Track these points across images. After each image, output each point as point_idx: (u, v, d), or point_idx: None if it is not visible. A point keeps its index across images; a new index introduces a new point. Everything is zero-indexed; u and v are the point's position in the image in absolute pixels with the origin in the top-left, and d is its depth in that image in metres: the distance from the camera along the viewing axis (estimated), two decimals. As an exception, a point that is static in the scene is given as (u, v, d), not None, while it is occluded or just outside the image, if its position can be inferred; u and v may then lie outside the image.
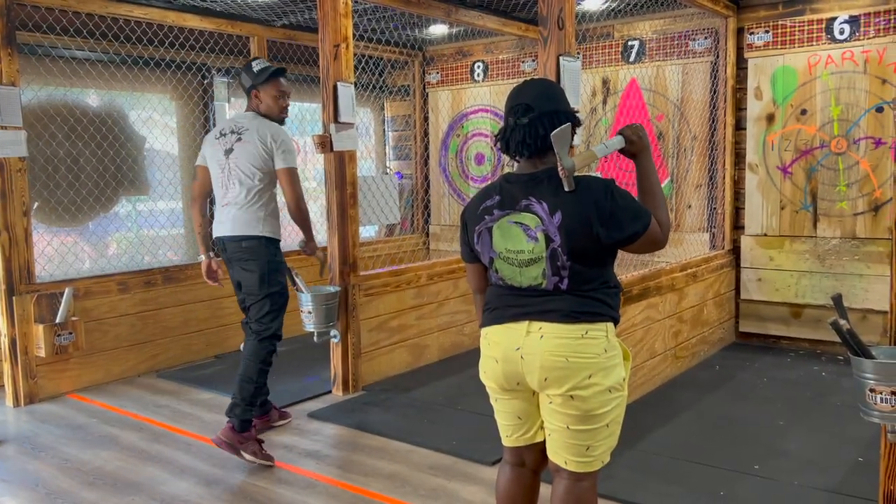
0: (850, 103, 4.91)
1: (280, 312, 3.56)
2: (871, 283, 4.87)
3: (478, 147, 6.77)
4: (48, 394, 4.40)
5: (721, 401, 4.14)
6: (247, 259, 3.50)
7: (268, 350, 3.52)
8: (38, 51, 4.74)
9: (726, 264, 5.31)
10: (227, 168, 3.55)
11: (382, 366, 4.66)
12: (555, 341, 1.98)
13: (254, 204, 3.52)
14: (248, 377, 3.47)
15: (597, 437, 2.04)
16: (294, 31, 5.84)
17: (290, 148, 3.55)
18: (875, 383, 2.41)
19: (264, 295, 3.50)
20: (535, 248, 2.00)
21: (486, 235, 2.08)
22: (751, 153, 5.30)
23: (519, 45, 6.40)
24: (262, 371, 3.51)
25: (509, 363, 2.05)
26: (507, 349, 2.04)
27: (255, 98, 3.60)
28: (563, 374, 1.97)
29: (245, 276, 3.53)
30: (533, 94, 2.07)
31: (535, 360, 1.99)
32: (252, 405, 3.45)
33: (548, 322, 2.00)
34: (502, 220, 2.05)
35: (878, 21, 4.76)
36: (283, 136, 3.55)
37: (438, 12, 5.00)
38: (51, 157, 4.88)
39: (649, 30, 5.65)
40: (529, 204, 2.02)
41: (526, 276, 2.03)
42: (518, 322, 2.04)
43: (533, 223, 2.00)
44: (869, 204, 4.90)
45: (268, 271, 3.50)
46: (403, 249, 6.62)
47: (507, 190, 2.07)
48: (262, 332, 3.52)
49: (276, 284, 3.53)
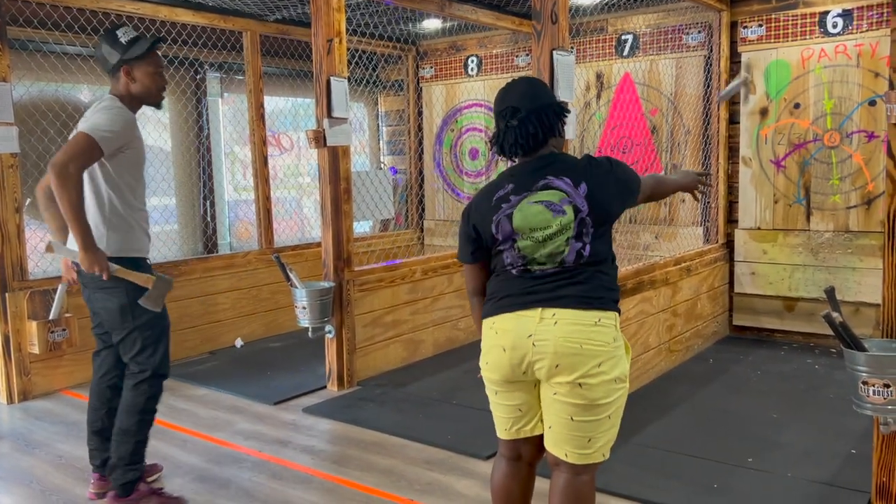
0: (843, 97, 4.92)
1: (159, 344, 2.86)
2: (863, 277, 4.89)
3: (472, 142, 6.77)
4: (42, 390, 4.39)
5: (715, 394, 4.15)
6: (103, 286, 2.75)
7: (147, 396, 2.86)
8: (29, 46, 4.71)
9: (720, 258, 5.32)
10: None
11: (377, 361, 4.66)
12: (570, 327, 2.00)
13: (92, 219, 2.73)
14: (126, 431, 2.84)
15: (599, 429, 2.04)
16: (287, 25, 5.82)
17: (104, 121, 2.67)
18: (868, 376, 2.43)
19: (130, 330, 2.80)
20: (562, 221, 2.04)
21: (506, 222, 2.09)
22: (744, 147, 5.31)
23: (513, 40, 6.39)
24: (142, 423, 2.86)
25: (519, 350, 2.04)
26: (518, 337, 2.04)
27: (125, 76, 2.80)
28: (575, 360, 1.99)
29: (103, 305, 2.81)
30: (517, 95, 2.15)
31: (548, 347, 2.00)
32: (135, 463, 2.87)
33: (562, 308, 2.02)
34: (522, 202, 2.08)
35: (870, 15, 4.77)
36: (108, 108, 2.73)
37: (432, 6, 4.99)
38: (43, 153, 4.85)
39: (643, 24, 5.64)
40: (548, 182, 2.07)
41: (548, 247, 2.05)
42: (530, 309, 2.04)
43: (557, 198, 2.05)
44: (862, 197, 4.92)
45: (129, 301, 2.77)
46: (398, 244, 6.61)
47: (519, 177, 2.12)
48: (137, 375, 2.84)
49: (141, 314, 2.80)
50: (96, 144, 2.63)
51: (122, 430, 2.85)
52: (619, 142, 5.80)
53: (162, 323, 2.89)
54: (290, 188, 6.73)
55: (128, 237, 2.81)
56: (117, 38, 2.80)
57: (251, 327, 5.60)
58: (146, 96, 2.87)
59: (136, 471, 2.88)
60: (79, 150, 2.60)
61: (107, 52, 2.80)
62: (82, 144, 2.61)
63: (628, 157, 5.75)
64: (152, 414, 2.90)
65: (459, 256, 2.26)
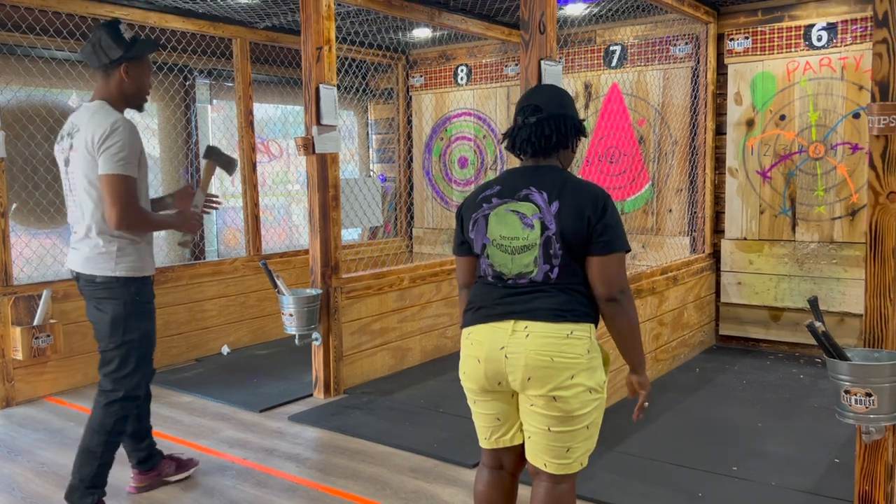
0: (827, 109, 4.98)
1: (139, 366, 2.82)
2: (848, 287, 4.93)
3: (461, 150, 6.79)
4: (25, 397, 4.35)
5: (701, 403, 4.17)
6: (101, 297, 2.75)
7: (117, 417, 2.79)
8: (16, 51, 4.69)
9: (707, 268, 5.36)
10: (67, 184, 2.82)
11: (364, 369, 4.65)
12: (541, 340, 2.00)
13: (101, 233, 2.73)
14: (92, 452, 2.76)
15: (576, 439, 2.05)
16: (277, 33, 5.83)
17: (117, 147, 2.65)
18: (850, 385, 2.45)
19: (117, 344, 2.76)
20: (529, 236, 2.04)
21: (482, 223, 2.11)
22: (731, 158, 5.35)
23: (502, 49, 6.42)
24: (108, 445, 2.78)
25: (492, 363, 2.05)
26: (491, 349, 2.05)
27: (121, 75, 2.75)
28: (547, 373, 1.99)
29: (96, 316, 2.79)
30: (543, 97, 2.17)
31: (519, 359, 2.00)
32: (96, 487, 2.78)
33: (534, 321, 2.02)
34: (499, 207, 2.09)
35: (854, 28, 4.83)
36: (118, 129, 2.67)
37: (422, 16, 5.01)
38: (29, 158, 4.83)
39: (631, 35, 5.69)
40: (529, 193, 2.07)
41: (517, 263, 2.06)
42: (503, 321, 2.05)
43: (530, 211, 2.05)
44: (846, 209, 4.97)
45: (124, 314, 2.75)
46: (386, 252, 6.61)
47: (509, 180, 2.13)
48: (110, 394, 2.78)
49: (133, 330, 2.77)
50: (128, 177, 2.67)
51: (87, 449, 2.77)
52: (607, 152, 5.84)
53: (149, 346, 2.87)
54: (279, 195, 6.72)
55: (138, 256, 2.81)
56: (120, 33, 2.75)
57: (238, 334, 5.58)
58: (136, 97, 2.83)
59: (96, 494, 2.80)
60: (122, 194, 2.65)
61: (107, 45, 2.72)
62: (119, 188, 2.65)
63: (616, 167, 5.79)
64: (119, 436, 2.84)
65: (453, 248, 2.29)
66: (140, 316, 2.81)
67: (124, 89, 2.78)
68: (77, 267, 2.79)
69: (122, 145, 2.65)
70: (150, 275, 2.86)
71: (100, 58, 2.74)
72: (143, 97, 2.87)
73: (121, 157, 2.65)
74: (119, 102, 2.80)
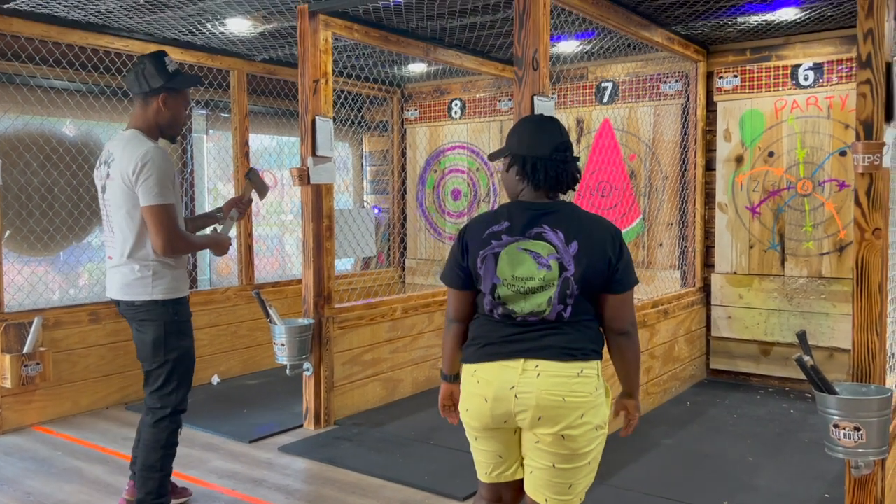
0: (815, 147, 5.07)
1: (182, 382, 2.97)
2: (837, 322, 4.97)
3: (455, 182, 6.85)
4: (12, 426, 4.31)
5: (692, 436, 4.17)
6: (141, 319, 2.90)
7: (169, 431, 2.95)
8: (15, 79, 4.74)
9: (697, 301, 5.39)
10: (105, 213, 2.94)
11: (355, 399, 4.64)
12: (552, 380, 1.98)
13: (138, 260, 2.85)
14: (152, 467, 2.92)
15: (579, 475, 2.05)
16: (274, 65, 5.91)
17: (153, 178, 2.76)
18: (839, 419, 2.47)
19: (160, 363, 2.91)
20: (546, 276, 1.99)
21: (492, 261, 2.04)
22: (720, 193, 5.43)
23: (496, 85, 6.52)
24: (165, 458, 2.95)
25: (501, 402, 2.01)
26: (501, 388, 2.01)
27: (158, 104, 2.87)
28: (558, 412, 1.97)
29: (138, 338, 2.94)
30: (567, 135, 2.14)
31: (530, 399, 1.98)
32: (162, 496, 2.95)
33: (545, 360, 2.00)
34: (511, 246, 2.03)
35: (840, 69, 4.94)
36: (149, 160, 2.77)
37: (417, 51, 5.09)
38: (25, 185, 4.85)
39: (622, 72, 5.80)
40: (542, 232, 2.02)
41: (531, 303, 2.01)
42: (513, 360, 2.01)
43: (545, 251, 2.00)
44: (834, 244, 5.03)
45: (164, 334, 2.89)
46: (379, 283, 6.62)
47: (517, 216, 2.06)
48: (158, 412, 2.93)
49: (174, 349, 2.92)
50: (168, 205, 2.80)
51: (147, 466, 2.92)
52: (599, 186, 5.90)
53: (190, 362, 3.00)
54: (273, 225, 6.75)
55: (172, 278, 2.92)
56: (165, 64, 2.88)
57: (229, 364, 5.56)
58: (171, 127, 2.95)
59: (165, 501, 2.96)
60: (164, 223, 2.79)
61: (150, 74, 2.84)
62: (162, 217, 2.79)
63: (607, 201, 5.85)
64: (174, 447, 2.99)
65: (445, 278, 2.17)
66: (179, 335, 2.93)
67: (160, 119, 2.89)
68: (115, 294, 2.93)
69: (158, 175, 2.77)
70: (185, 295, 2.99)
71: (141, 85, 2.86)
72: (178, 129, 2.99)
73: (158, 187, 2.77)
74: (153, 131, 2.91)
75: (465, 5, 4.30)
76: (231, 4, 4.24)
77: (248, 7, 4.30)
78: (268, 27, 4.78)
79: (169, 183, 2.81)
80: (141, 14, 4.44)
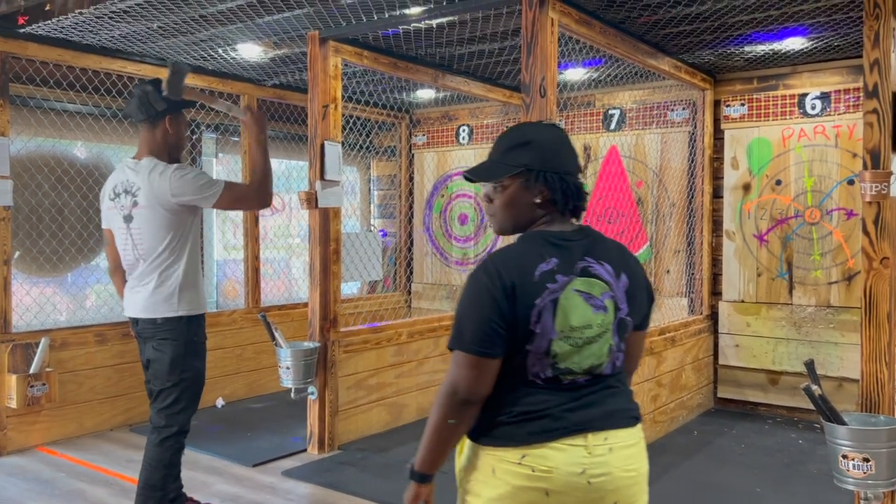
0: (822, 175, 5.07)
1: (190, 405, 3.02)
2: (845, 352, 4.93)
3: (461, 207, 6.87)
4: (17, 446, 4.30)
5: (699, 466, 4.12)
6: (161, 337, 2.94)
7: (173, 451, 2.99)
8: (29, 102, 4.80)
9: (704, 329, 5.36)
10: (129, 240, 2.97)
11: (360, 424, 4.61)
12: (625, 452, 1.60)
13: (165, 280, 2.94)
14: (153, 486, 2.96)
15: None
16: (284, 90, 5.97)
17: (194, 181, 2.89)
18: (848, 450, 2.44)
19: (174, 382, 2.95)
20: (604, 321, 1.60)
21: (550, 310, 1.56)
22: (728, 221, 5.42)
23: (503, 111, 6.57)
24: (167, 478, 2.99)
25: (571, 494, 1.55)
26: (569, 475, 1.54)
27: (164, 126, 2.97)
28: (634, 492, 1.62)
29: (155, 356, 2.97)
30: None
31: (608, 483, 1.56)
32: None
33: (613, 429, 1.60)
34: (567, 288, 1.58)
35: (847, 98, 4.96)
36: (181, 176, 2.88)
37: (426, 77, 5.14)
38: (35, 206, 4.89)
39: (629, 100, 5.83)
40: (588, 266, 1.61)
41: (587, 356, 1.59)
42: (574, 437, 1.56)
43: (599, 290, 1.61)
44: (842, 273, 5.01)
45: (182, 353, 2.95)
46: (385, 307, 6.61)
47: (564, 251, 1.62)
48: (163, 430, 2.96)
49: (189, 369, 2.97)
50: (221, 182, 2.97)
51: (148, 485, 2.95)
52: (606, 212, 5.91)
53: (201, 385, 3.05)
54: (280, 248, 6.77)
55: (195, 292, 3.01)
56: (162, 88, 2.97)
57: (233, 387, 5.55)
58: (177, 148, 3.05)
59: None
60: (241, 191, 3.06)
61: (154, 98, 2.93)
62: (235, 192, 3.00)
63: (614, 227, 5.85)
64: (177, 468, 3.03)
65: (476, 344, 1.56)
66: (195, 355, 3.00)
67: (168, 140, 3.00)
68: (136, 312, 2.98)
69: (194, 175, 2.92)
70: (204, 312, 3.05)
71: (147, 110, 2.95)
72: (182, 149, 3.10)
73: (204, 179, 2.92)
74: (164, 154, 3.00)
75: (474, 33, 4.35)
76: (242, 31, 4.30)
77: (259, 33, 4.36)
78: (278, 53, 4.84)
79: (204, 174, 2.94)
80: (154, 39, 4.50)
